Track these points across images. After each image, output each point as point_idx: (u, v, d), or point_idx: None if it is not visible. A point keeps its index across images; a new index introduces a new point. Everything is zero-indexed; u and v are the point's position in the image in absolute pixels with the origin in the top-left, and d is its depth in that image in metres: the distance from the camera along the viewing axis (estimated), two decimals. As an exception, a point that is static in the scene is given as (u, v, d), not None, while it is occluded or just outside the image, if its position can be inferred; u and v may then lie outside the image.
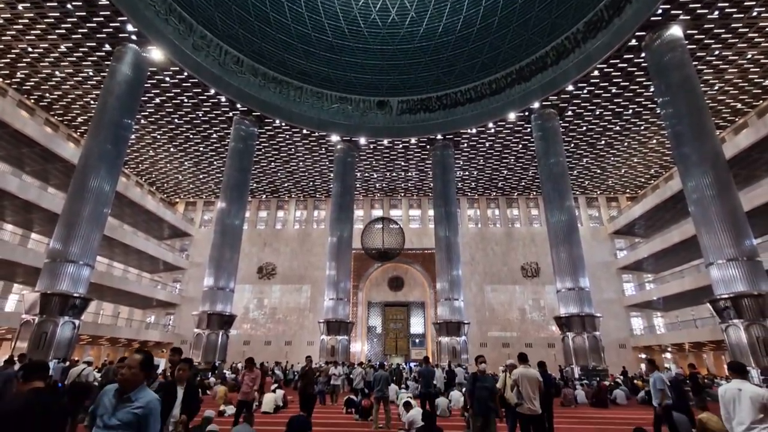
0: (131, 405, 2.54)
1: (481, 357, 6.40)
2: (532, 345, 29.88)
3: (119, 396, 2.58)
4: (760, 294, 13.99)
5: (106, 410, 2.54)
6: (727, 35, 18.50)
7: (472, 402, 5.95)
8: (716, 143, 16.48)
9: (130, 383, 2.60)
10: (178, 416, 4.13)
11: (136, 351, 2.82)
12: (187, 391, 4.23)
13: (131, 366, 2.65)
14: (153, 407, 2.60)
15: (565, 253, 20.80)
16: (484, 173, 32.10)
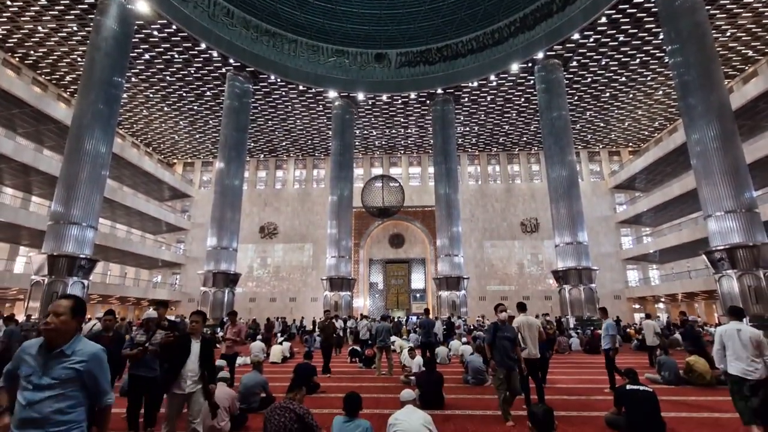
0: (68, 360, 2.08)
1: (501, 305, 5.89)
2: (529, 298, 30.74)
3: (48, 350, 2.10)
4: (755, 245, 14.21)
5: (33, 370, 2.06)
6: (745, -25, 17.46)
7: (493, 353, 5.55)
8: (723, 93, 16.03)
9: (61, 334, 2.11)
10: (197, 371, 3.75)
11: (62, 296, 2.25)
12: (204, 346, 3.85)
13: (59, 313, 2.12)
14: (98, 358, 2.16)
15: (564, 209, 20.88)
16: (485, 128, 31.52)
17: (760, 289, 14.00)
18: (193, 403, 3.71)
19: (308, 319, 26.73)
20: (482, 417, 5.75)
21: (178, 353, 3.75)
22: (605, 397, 6.58)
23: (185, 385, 3.69)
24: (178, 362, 3.68)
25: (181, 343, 3.86)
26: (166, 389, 3.73)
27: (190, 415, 3.72)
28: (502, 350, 5.39)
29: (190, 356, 3.72)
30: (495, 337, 5.51)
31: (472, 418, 5.71)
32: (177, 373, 3.65)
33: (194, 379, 3.72)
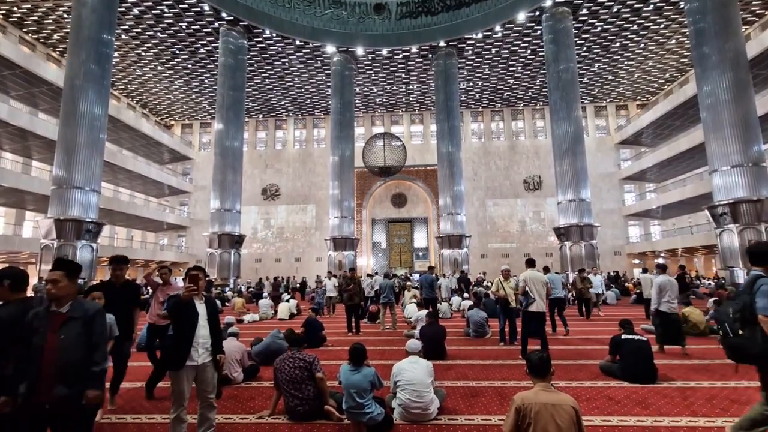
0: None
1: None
2: (530, 254, 31.12)
3: None
4: (759, 199, 14.17)
5: None
6: None
7: None
8: (740, 41, 15.34)
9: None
10: (208, 338, 3.14)
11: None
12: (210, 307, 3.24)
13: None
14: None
15: (568, 165, 20.64)
16: (488, 84, 30.54)
17: (761, 242, 14.08)
18: (207, 375, 3.13)
19: (311, 278, 27.38)
20: (482, 366, 6.02)
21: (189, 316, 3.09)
22: (601, 347, 6.84)
23: (197, 354, 3.05)
24: (188, 328, 3.04)
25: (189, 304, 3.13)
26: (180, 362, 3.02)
27: (204, 390, 3.13)
28: None
29: (199, 320, 3.09)
30: None
31: (472, 366, 5.98)
32: (191, 341, 3.03)
33: (206, 346, 3.11)
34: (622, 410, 4.00)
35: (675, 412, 3.92)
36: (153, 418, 4.07)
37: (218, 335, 3.26)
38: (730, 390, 4.57)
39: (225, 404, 4.38)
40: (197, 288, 3.14)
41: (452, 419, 3.83)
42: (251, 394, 4.79)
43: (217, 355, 3.20)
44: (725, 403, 4.12)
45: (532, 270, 6.49)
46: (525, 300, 6.33)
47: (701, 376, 5.14)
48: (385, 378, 4.18)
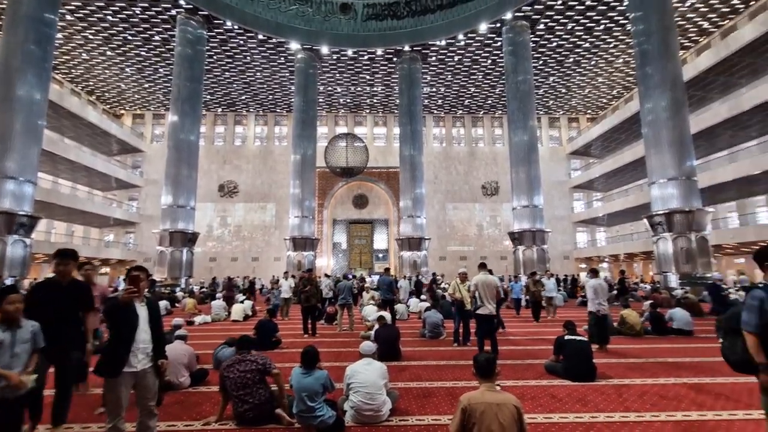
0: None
1: None
2: (486, 257, 32.13)
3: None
4: (691, 210, 15.46)
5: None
6: (708, -55, 17.70)
7: None
8: (678, 64, 16.69)
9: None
10: (149, 341, 2.93)
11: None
12: (151, 310, 3.03)
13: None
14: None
15: (523, 173, 21.54)
16: (451, 90, 31.26)
17: (690, 250, 15.39)
18: (147, 381, 2.94)
19: (267, 279, 26.77)
20: (435, 366, 6.14)
21: (127, 319, 2.88)
22: (548, 347, 7.17)
23: (136, 360, 2.85)
24: (127, 332, 2.84)
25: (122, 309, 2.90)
26: (117, 369, 2.79)
27: (144, 398, 2.94)
28: None
29: (139, 323, 2.89)
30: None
31: (426, 367, 6.08)
32: (129, 346, 2.84)
33: (147, 351, 2.92)
34: (564, 407, 4.21)
35: (610, 408, 4.19)
36: (88, 427, 3.82)
37: (161, 339, 3.06)
38: (659, 387, 4.94)
39: (170, 410, 4.18)
40: (137, 290, 2.94)
41: (403, 420, 3.88)
42: (198, 400, 4.61)
43: (158, 360, 3.00)
44: (655, 399, 4.45)
45: (484, 274, 6.71)
46: (475, 303, 6.55)
47: (635, 374, 5.53)
48: (340, 380, 4.16)
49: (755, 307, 2.57)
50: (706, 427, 3.67)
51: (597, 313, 7.30)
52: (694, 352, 7.01)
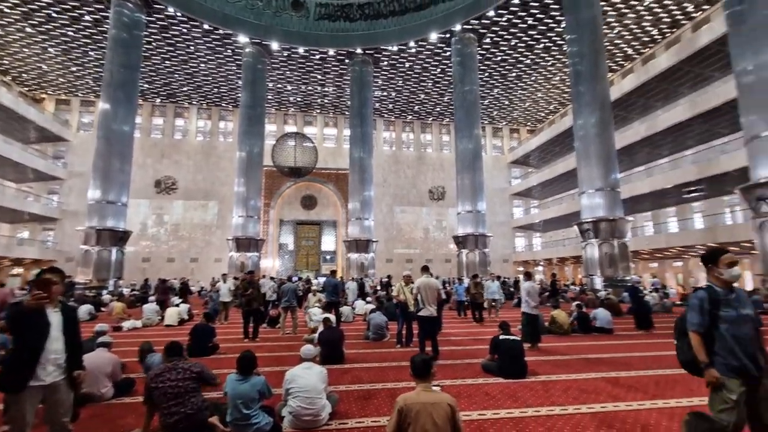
0: None
1: None
2: (432, 260, 33.00)
3: None
4: (614, 219, 16.95)
5: None
6: (632, -20, 19.59)
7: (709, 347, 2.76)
8: (606, 86, 18.26)
9: None
10: (62, 351, 2.66)
11: None
12: (66, 317, 2.74)
13: None
14: None
15: (468, 179, 22.42)
16: (401, 95, 31.81)
17: (613, 255, 16.85)
18: (59, 396, 2.66)
19: (207, 280, 25.50)
20: (378, 368, 6.20)
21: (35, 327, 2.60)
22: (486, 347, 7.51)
23: (45, 373, 2.58)
24: (34, 341, 2.57)
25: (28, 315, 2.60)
26: (21, 383, 2.51)
27: (55, 413, 2.67)
28: (735, 342, 2.60)
29: (51, 332, 2.61)
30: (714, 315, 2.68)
31: (368, 369, 6.12)
32: (37, 357, 2.55)
33: (59, 362, 2.64)
34: (496, 404, 4.44)
35: (538, 402, 4.48)
36: (-13, 448, 3.40)
37: (77, 348, 2.80)
38: (581, 381, 5.37)
39: (88, 425, 3.84)
40: (48, 294, 2.64)
41: (343, 423, 3.88)
42: (121, 412, 4.28)
43: (74, 371, 2.74)
44: (576, 393, 4.83)
45: (427, 276, 6.89)
46: (417, 305, 6.72)
47: (561, 370, 5.95)
48: (281, 385, 4.07)
49: (697, 306, 2.70)
50: (619, 417, 4.04)
51: (529, 314, 7.75)
52: (613, 349, 7.68)
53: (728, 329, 2.60)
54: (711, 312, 2.65)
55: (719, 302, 2.65)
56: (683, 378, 5.41)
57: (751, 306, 2.73)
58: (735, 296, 2.68)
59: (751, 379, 2.56)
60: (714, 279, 2.76)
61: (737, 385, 2.53)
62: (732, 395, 2.52)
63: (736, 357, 2.56)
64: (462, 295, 14.42)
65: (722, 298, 2.66)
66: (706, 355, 2.63)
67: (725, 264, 2.71)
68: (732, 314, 2.62)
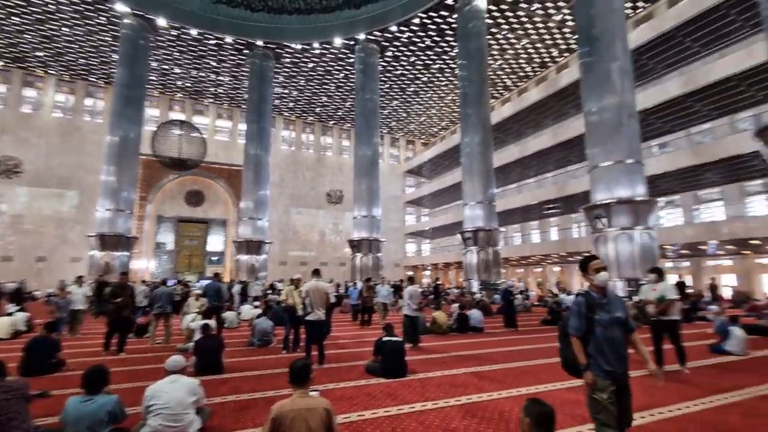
0: None
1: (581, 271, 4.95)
2: (327, 263, 32.93)
3: None
4: (491, 229, 18.98)
5: None
6: (513, 20, 22.40)
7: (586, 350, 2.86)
8: (488, 110, 20.45)
9: None
10: None
11: None
12: None
13: None
14: None
15: (365, 185, 22.98)
16: (303, 95, 31.28)
17: (488, 261, 18.84)
18: None
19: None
20: (260, 376, 5.94)
21: None
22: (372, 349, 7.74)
23: None
24: None
25: None
26: None
27: None
28: (606, 344, 2.76)
29: None
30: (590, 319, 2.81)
31: (249, 378, 5.82)
32: None
33: None
34: (376, 404, 4.60)
35: (414, 399, 4.76)
36: None
37: None
38: (453, 377, 5.87)
39: None
40: None
41: (214, 438, 3.62)
42: None
43: None
44: (447, 387, 5.26)
45: (316, 280, 6.85)
46: (305, 309, 6.64)
47: (437, 368, 6.43)
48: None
49: (576, 311, 2.82)
50: (481, 406, 4.51)
51: (410, 316, 8.26)
52: (483, 345, 8.57)
53: (602, 332, 2.74)
54: (587, 316, 2.77)
55: (595, 306, 2.79)
56: (534, 369, 6.31)
57: (623, 309, 2.85)
58: (608, 300, 2.83)
59: (619, 380, 2.72)
60: (591, 285, 2.89)
61: (607, 386, 2.68)
62: (603, 395, 2.67)
63: (606, 359, 2.70)
64: (356, 298, 14.64)
65: (597, 303, 2.80)
66: (585, 357, 2.76)
67: (594, 270, 2.85)
68: (605, 318, 2.75)
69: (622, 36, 14.44)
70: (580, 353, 2.78)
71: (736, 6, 16.17)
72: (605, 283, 2.86)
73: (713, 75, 16.88)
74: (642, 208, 13.21)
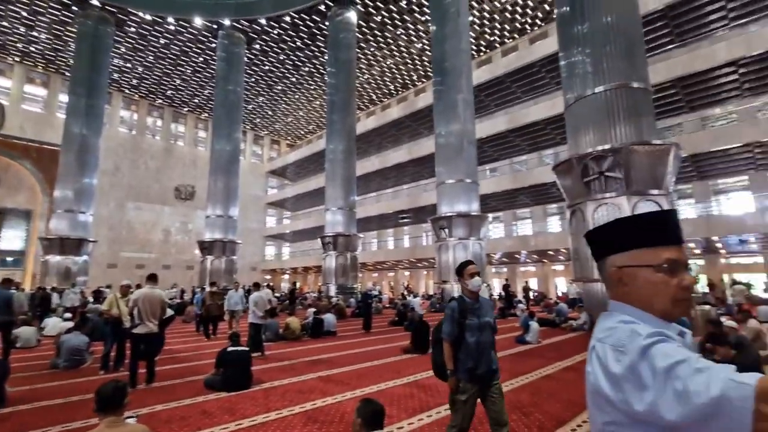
0: None
1: None
2: (170, 267, 29.25)
3: None
4: (350, 234, 19.65)
5: None
6: (381, 39, 23.87)
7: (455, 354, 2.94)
8: (353, 120, 21.26)
9: None
10: None
11: None
12: None
13: None
14: None
15: (222, 182, 21.29)
16: (151, 73, 27.37)
17: (346, 266, 19.45)
18: None
19: None
20: (62, 406, 4.89)
21: None
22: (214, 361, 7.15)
23: None
24: None
25: None
26: None
27: None
28: (474, 348, 2.81)
29: None
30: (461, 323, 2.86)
31: (45, 409, 4.74)
32: None
33: None
34: (212, 421, 4.26)
35: (256, 411, 4.57)
36: None
37: None
38: (300, 383, 5.84)
39: None
40: None
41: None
42: None
43: None
44: (293, 395, 5.21)
45: (150, 287, 6.03)
46: (132, 321, 5.78)
47: (285, 375, 6.31)
48: None
49: (449, 316, 2.84)
50: (324, 410, 4.60)
51: (256, 323, 8.05)
52: (335, 349, 8.76)
53: (471, 336, 2.79)
54: (459, 321, 2.81)
55: (467, 311, 2.83)
56: (377, 369, 6.74)
57: (492, 314, 2.95)
58: (479, 305, 2.89)
59: (484, 380, 2.80)
60: (464, 289, 2.92)
61: (469, 388, 2.76)
62: (462, 397, 2.74)
63: (473, 361, 2.77)
64: (200, 306, 13.31)
65: (470, 308, 2.84)
66: (452, 363, 2.81)
67: (469, 275, 2.85)
68: (475, 322, 2.81)
69: (468, 73, 16.79)
70: (449, 358, 2.81)
71: (546, 66, 20.45)
72: (479, 288, 2.88)
73: (529, 117, 20.98)
74: (475, 221, 15.47)
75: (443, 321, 2.92)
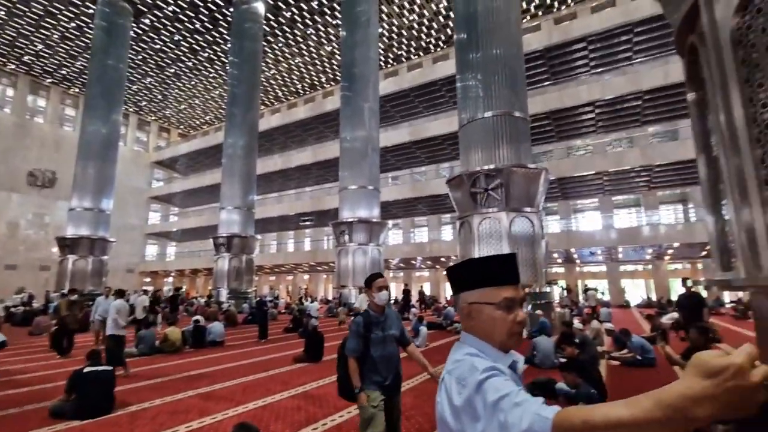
0: None
1: None
2: (17, 267, 24.35)
3: None
4: (247, 236, 18.60)
5: None
6: (290, 36, 23.20)
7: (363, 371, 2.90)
8: (256, 116, 20.26)
9: None
10: None
11: None
12: None
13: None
14: None
15: (94, 170, 18.44)
16: (6, 33, 22.60)
17: (241, 269, 18.37)
18: None
19: None
20: None
21: None
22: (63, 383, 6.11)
23: None
24: None
25: None
26: None
27: None
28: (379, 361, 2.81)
29: None
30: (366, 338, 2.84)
31: None
32: None
33: None
34: (57, 458, 3.63)
35: (117, 440, 4.01)
36: None
37: None
38: (175, 403, 5.28)
39: None
40: None
41: None
42: None
43: None
44: (165, 417, 4.69)
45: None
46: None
47: (157, 394, 5.65)
48: None
49: (354, 331, 2.78)
50: (202, 430, 4.23)
51: (117, 335, 6.99)
52: (217, 361, 8.14)
53: (376, 350, 2.77)
54: (365, 335, 2.78)
55: (372, 325, 2.80)
56: (266, 381, 6.45)
57: (398, 326, 2.93)
58: (384, 318, 2.86)
59: (389, 391, 2.81)
60: (371, 303, 2.86)
61: (377, 396, 2.74)
62: (373, 403, 2.71)
63: (379, 374, 2.77)
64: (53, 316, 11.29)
65: (375, 321, 2.81)
66: (359, 380, 2.75)
67: (377, 288, 2.79)
68: (379, 335, 2.80)
69: (375, 82, 17.24)
70: (355, 375, 2.75)
71: (446, 86, 22.03)
72: (385, 302, 2.84)
73: (429, 132, 22.35)
74: (376, 227, 15.89)
75: (348, 337, 2.88)
